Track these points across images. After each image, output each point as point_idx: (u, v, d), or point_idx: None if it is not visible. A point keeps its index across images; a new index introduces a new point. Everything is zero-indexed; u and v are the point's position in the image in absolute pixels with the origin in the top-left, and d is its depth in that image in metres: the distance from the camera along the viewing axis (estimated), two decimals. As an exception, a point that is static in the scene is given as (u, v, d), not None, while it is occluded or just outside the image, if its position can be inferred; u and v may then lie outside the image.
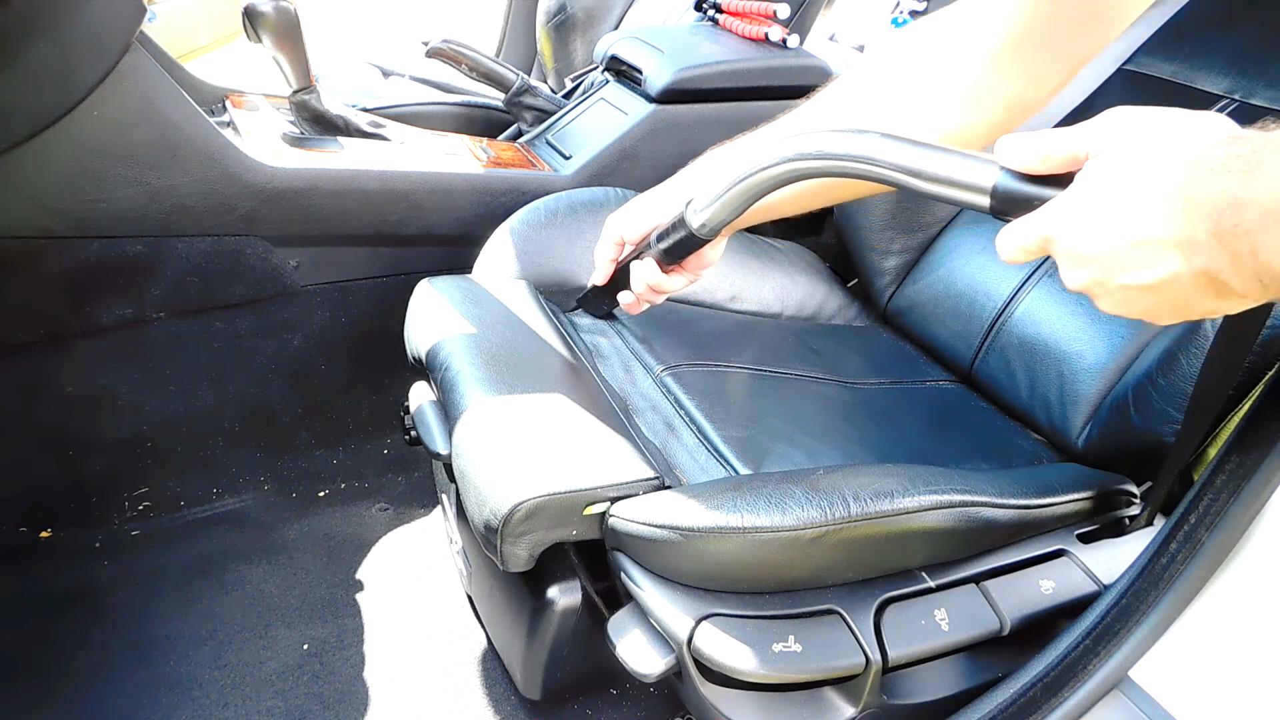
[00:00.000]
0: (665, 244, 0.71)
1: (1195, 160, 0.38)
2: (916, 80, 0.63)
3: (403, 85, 1.71)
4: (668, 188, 0.76)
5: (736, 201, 0.62)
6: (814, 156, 0.53)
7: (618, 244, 0.79)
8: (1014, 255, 0.46)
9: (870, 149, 0.50)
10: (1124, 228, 0.40)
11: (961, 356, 1.00)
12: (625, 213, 0.78)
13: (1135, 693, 0.60)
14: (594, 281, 0.83)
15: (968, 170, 0.47)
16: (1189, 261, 0.39)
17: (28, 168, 0.90)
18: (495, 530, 0.62)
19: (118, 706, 0.90)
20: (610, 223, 0.79)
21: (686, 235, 0.68)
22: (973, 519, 0.65)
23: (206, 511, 1.18)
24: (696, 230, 0.67)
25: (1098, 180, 0.41)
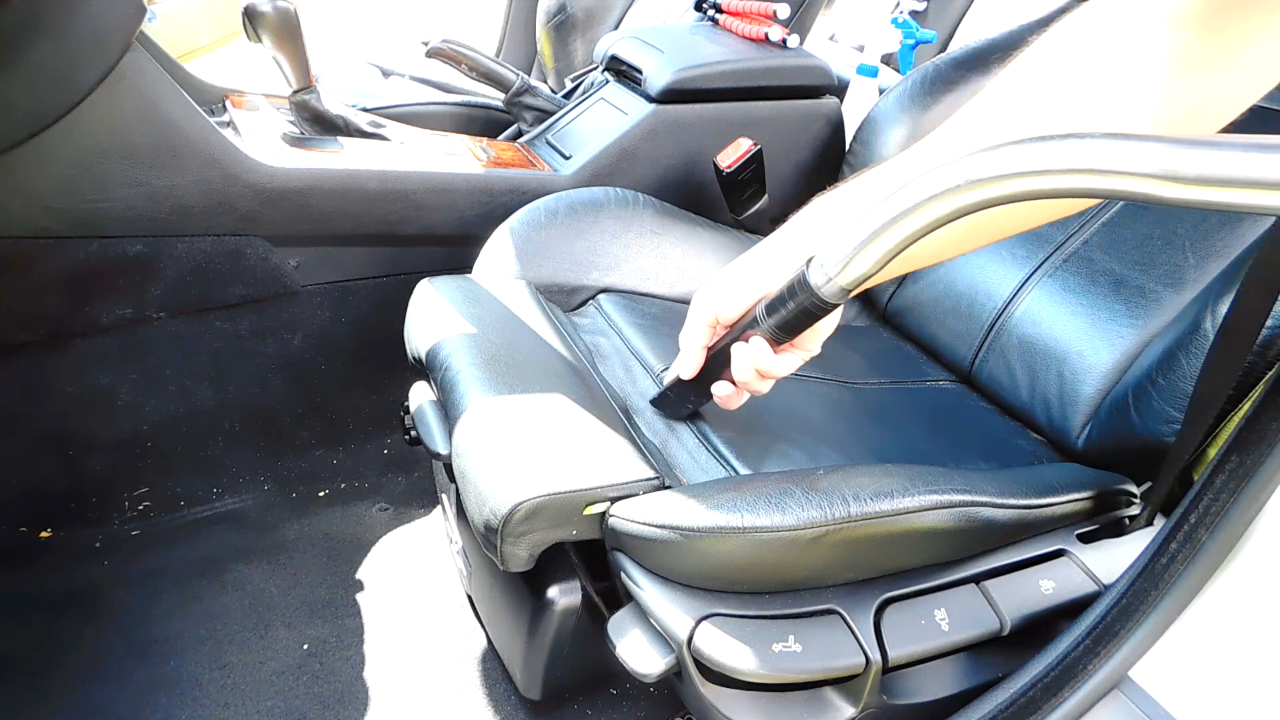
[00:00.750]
0: (780, 316, 0.58)
1: None
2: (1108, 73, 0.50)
3: (403, 85, 1.71)
4: (767, 250, 0.63)
5: (886, 249, 0.48)
6: (1013, 174, 0.40)
7: (711, 325, 0.66)
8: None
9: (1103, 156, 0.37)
10: None
11: (961, 356, 1.00)
12: (718, 287, 0.64)
13: (1135, 693, 0.60)
14: (681, 374, 0.70)
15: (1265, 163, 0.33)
16: None
17: (28, 168, 0.90)
18: (495, 530, 0.62)
19: (118, 706, 0.90)
20: (700, 301, 0.65)
21: (811, 303, 0.55)
22: (973, 519, 0.65)
23: (206, 511, 1.18)
24: (827, 296, 0.54)
25: None
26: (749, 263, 0.63)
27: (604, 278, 1.02)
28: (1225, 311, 0.65)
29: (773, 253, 0.62)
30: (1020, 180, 0.40)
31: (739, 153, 1.12)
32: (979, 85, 0.58)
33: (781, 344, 0.61)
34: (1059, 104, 0.52)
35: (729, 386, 0.67)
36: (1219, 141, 0.34)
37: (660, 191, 1.16)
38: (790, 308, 0.57)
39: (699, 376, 0.69)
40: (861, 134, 1.17)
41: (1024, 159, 0.40)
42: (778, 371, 0.63)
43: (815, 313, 0.56)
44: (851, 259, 0.51)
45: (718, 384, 0.67)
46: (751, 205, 1.18)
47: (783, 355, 0.63)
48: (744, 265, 0.64)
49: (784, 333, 0.59)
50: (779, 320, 0.58)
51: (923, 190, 0.44)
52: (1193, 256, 0.85)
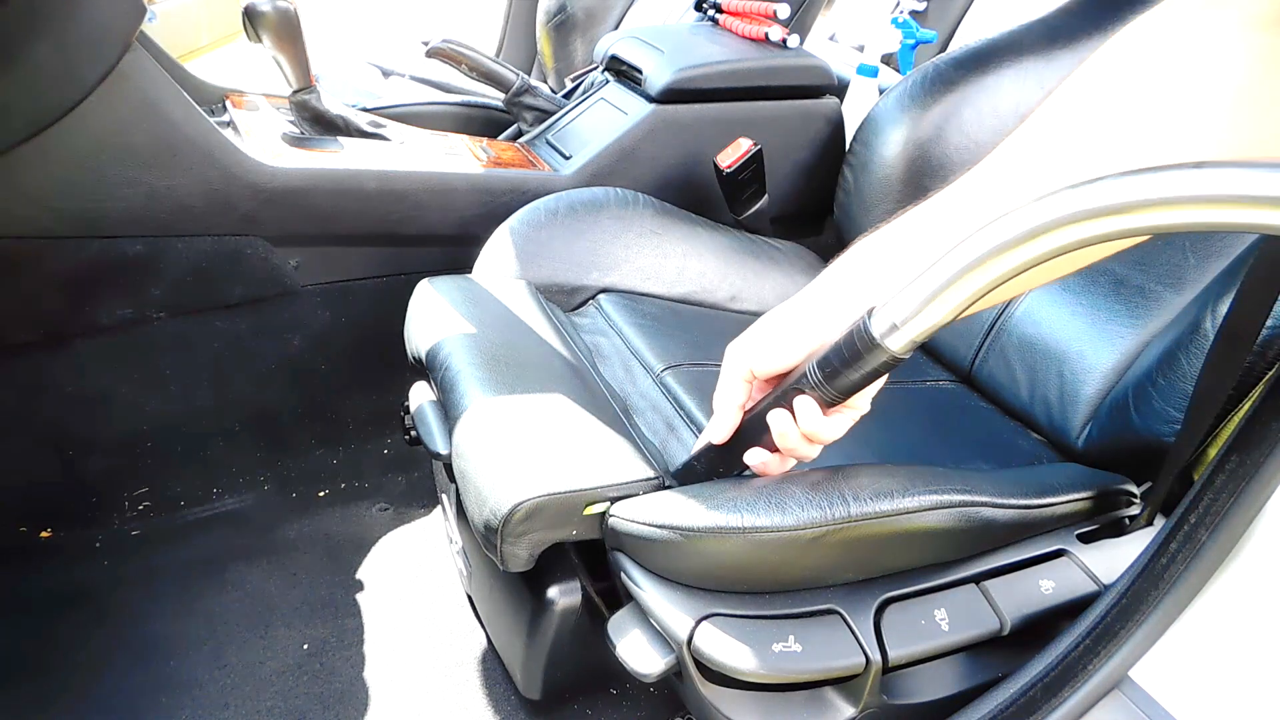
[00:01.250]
0: (837, 373, 0.51)
1: None
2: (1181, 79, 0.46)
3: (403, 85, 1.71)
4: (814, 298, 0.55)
5: (965, 294, 0.43)
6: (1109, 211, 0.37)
7: (748, 381, 0.58)
8: None
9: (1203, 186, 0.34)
10: None
11: (961, 356, 1.00)
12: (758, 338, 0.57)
13: (1135, 693, 0.60)
14: (713, 439, 0.61)
15: None
16: None
17: (28, 168, 0.90)
18: (495, 530, 0.62)
19: (118, 706, 0.90)
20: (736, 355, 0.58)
21: (877, 359, 0.49)
22: (973, 519, 0.65)
23: (206, 511, 1.18)
24: (894, 350, 0.48)
25: None
26: (793, 312, 0.56)
27: (604, 278, 1.02)
28: (1225, 311, 0.65)
29: (820, 301, 0.55)
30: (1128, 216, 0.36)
31: (739, 153, 1.12)
32: (979, 85, 0.58)
33: (834, 405, 0.54)
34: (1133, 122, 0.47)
35: (764, 454, 0.58)
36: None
37: (660, 191, 1.16)
38: (848, 363, 0.50)
39: (731, 443, 0.60)
40: (861, 134, 1.17)
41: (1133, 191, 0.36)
42: (829, 436, 0.55)
43: (879, 369, 0.50)
44: (925, 307, 0.45)
45: (753, 451, 0.59)
46: (751, 205, 1.18)
47: (833, 416, 0.55)
48: (788, 314, 0.56)
49: (841, 393, 0.53)
50: (833, 379, 0.52)
51: (1012, 229, 0.40)
52: (1193, 256, 0.85)
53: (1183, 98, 0.46)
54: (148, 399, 1.11)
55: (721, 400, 0.59)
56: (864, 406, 0.56)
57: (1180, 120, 0.46)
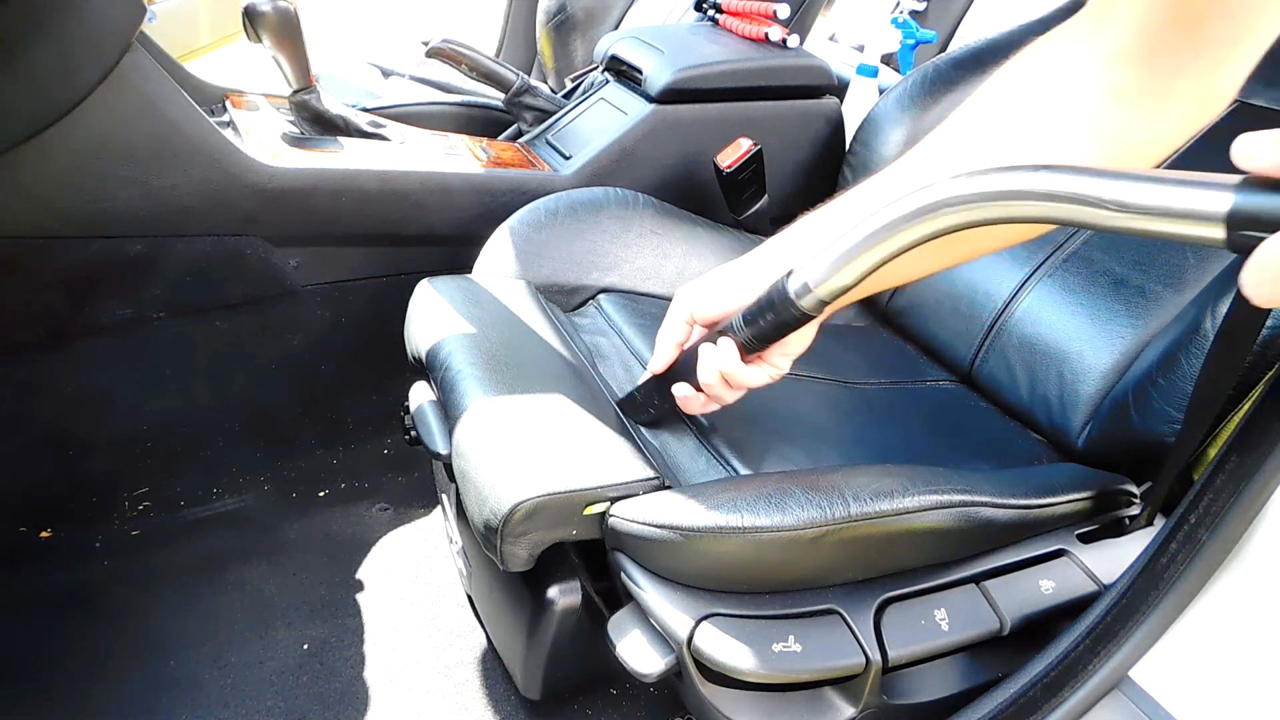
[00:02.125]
0: (755, 323, 0.59)
1: None
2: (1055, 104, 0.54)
3: (403, 85, 1.71)
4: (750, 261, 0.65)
5: (863, 265, 0.51)
6: (977, 200, 0.44)
7: (688, 323, 0.67)
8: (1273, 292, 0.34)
9: (1055, 184, 0.41)
10: None
11: (961, 356, 1.00)
12: (700, 288, 0.65)
13: (1135, 693, 0.60)
14: (652, 369, 0.70)
15: (1190, 197, 0.36)
16: None
17: (28, 168, 0.90)
18: (495, 530, 0.62)
19: (118, 706, 0.90)
20: (681, 299, 0.66)
21: (788, 312, 0.56)
22: (973, 519, 0.65)
23: (206, 511, 1.18)
24: (803, 305, 0.55)
25: None
26: (734, 268, 0.65)
27: (604, 278, 1.02)
28: (1225, 311, 0.65)
29: (758, 262, 0.64)
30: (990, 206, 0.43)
31: (739, 153, 1.12)
32: (979, 85, 0.59)
33: (752, 353, 0.62)
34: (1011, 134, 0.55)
35: (690, 389, 0.67)
36: (1163, 177, 0.38)
37: (660, 191, 1.16)
38: (766, 316, 0.58)
39: (669, 378, 0.68)
40: (861, 134, 1.17)
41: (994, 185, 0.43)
42: (742, 380, 0.63)
43: (790, 323, 0.58)
44: (831, 273, 0.53)
45: (680, 385, 0.67)
46: (751, 205, 1.18)
47: (750, 367, 0.63)
48: (729, 270, 0.65)
49: (757, 341, 0.60)
50: (753, 327, 0.59)
51: (897, 212, 0.47)
52: (1193, 257, 0.85)
53: (1053, 119, 0.54)
54: (148, 399, 1.11)
55: (662, 336, 0.68)
56: (782, 367, 0.64)
57: (1051, 136, 0.54)
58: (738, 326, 0.61)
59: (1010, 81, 0.57)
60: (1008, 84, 0.57)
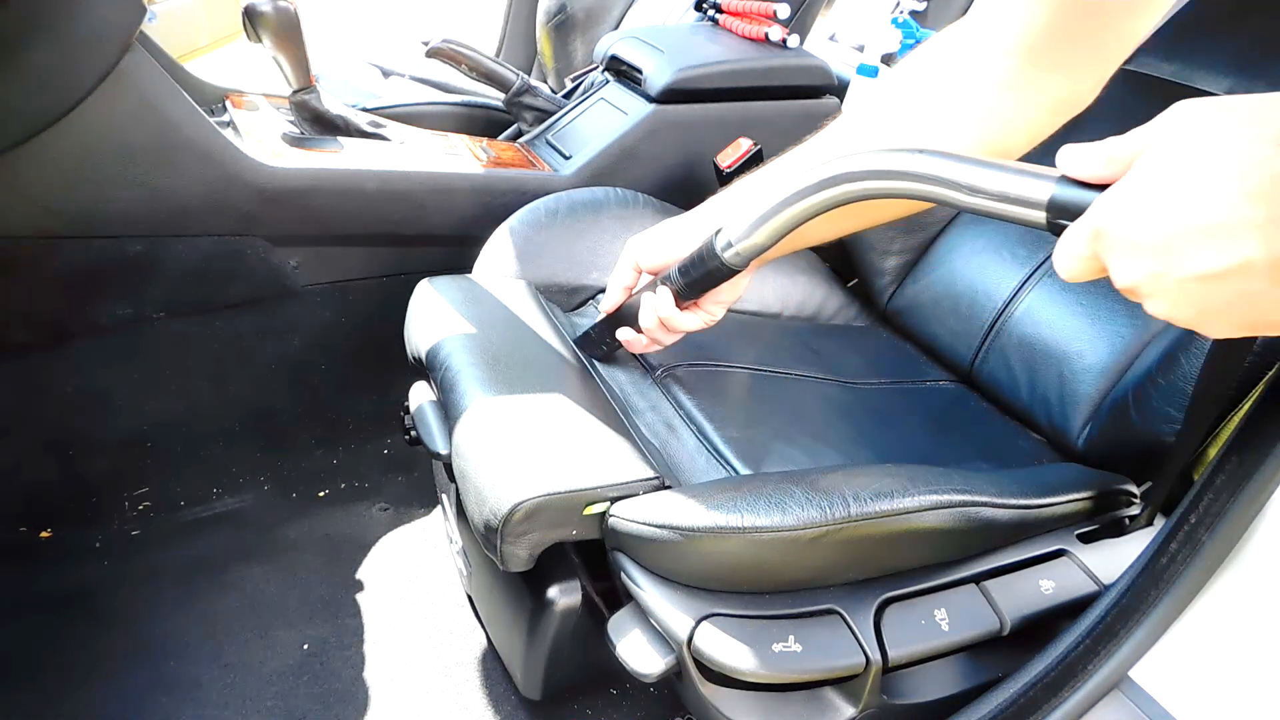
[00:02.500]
0: (688, 276, 0.66)
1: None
2: (950, 90, 0.61)
3: (403, 85, 1.71)
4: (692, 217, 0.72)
5: (775, 228, 0.59)
6: (863, 177, 0.51)
7: (635, 270, 0.74)
8: (1072, 267, 0.42)
9: (923, 166, 0.48)
10: (1193, 209, 0.36)
11: (961, 356, 1.00)
12: (646, 238, 0.72)
13: (1135, 693, 0.60)
14: (603, 309, 0.78)
15: (1023, 185, 0.44)
16: (1269, 246, 0.34)
17: (28, 168, 0.90)
18: (495, 530, 0.62)
19: (118, 706, 0.90)
20: (629, 247, 0.74)
21: (715, 266, 0.64)
22: (973, 519, 0.65)
23: (206, 511, 1.18)
24: (727, 260, 0.63)
25: (1159, 165, 0.37)
26: (677, 223, 0.72)
27: (604, 277, 1.02)
28: (1225, 311, 0.65)
29: (697, 219, 0.71)
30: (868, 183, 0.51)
31: (739, 153, 1.12)
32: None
33: (686, 300, 0.69)
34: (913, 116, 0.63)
35: (633, 332, 0.75)
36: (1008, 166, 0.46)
37: (660, 191, 1.16)
38: (697, 268, 0.66)
39: (619, 319, 0.77)
40: (861, 134, 1.17)
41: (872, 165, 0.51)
42: (679, 325, 0.70)
43: (718, 276, 0.65)
44: (750, 234, 0.61)
45: (623, 330, 0.75)
46: (751, 205, 1.18)
47: (686, 313, 0.70)
48: (671, 225, 0.72)
49: (691, 290, 0.68)
50: (686, 278, 0.67)
51: (802, 184, 0.55)
52: (1193, 256, 0.85)
53: (950, 105, 0.61)
54: (148, 399, 1.11)
55: (612, 281, 0.76)
56: (715, 314, 0.72)
57: (947, 122, 0.60)
58: (674, 277, 0.68)
59: (916, 68, 0.64)
60: (914, 70, 0.64)
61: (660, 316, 0.70)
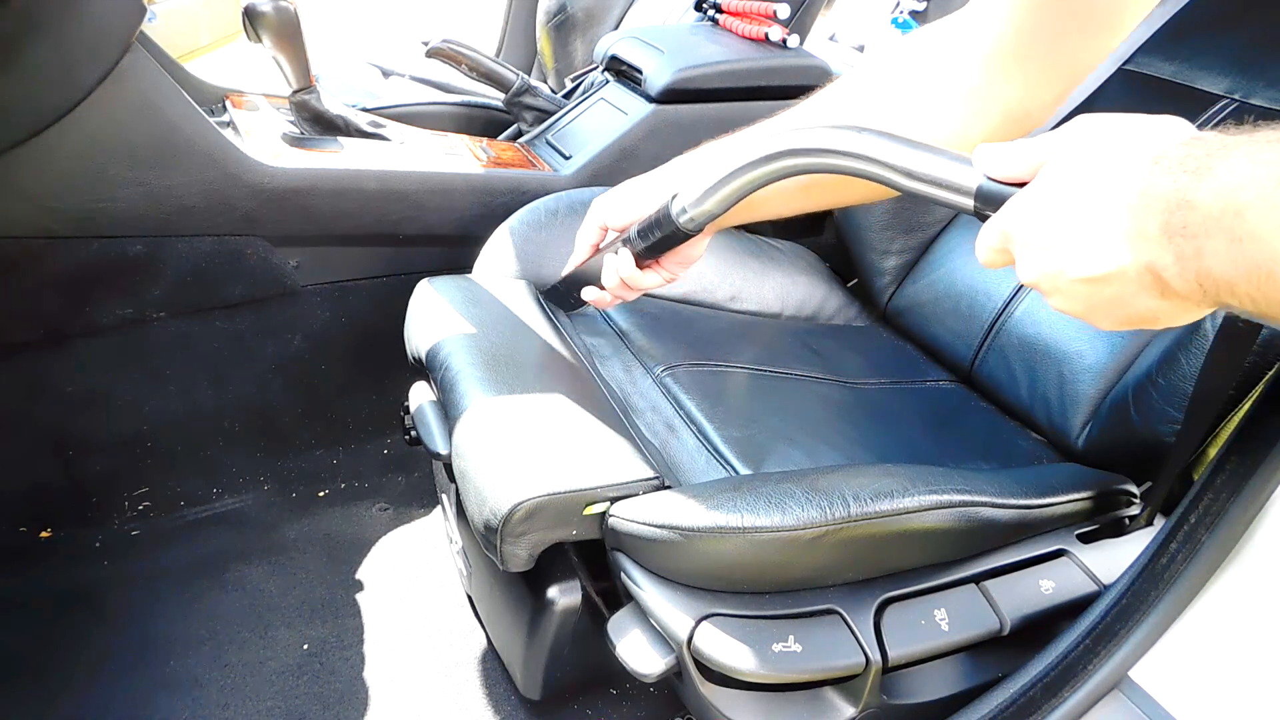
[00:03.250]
0: (646, 238, 0.68)
1: (1157, 157, 0.38)
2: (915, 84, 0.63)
3: (403, 85, 1.71)
4: (657, 177, 0.74)
5: (725, 196, 0.60)
6: (807, 152, 0.53)
7: (601, 228, 0.76)
8: (986, 256, 0.46)
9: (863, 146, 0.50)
10: (1080, 219, 0.40)
11: (961, 356, 1.00)
12: (612, 198, 0.74)
13: (1135, 693, 0.60)
14: (570, 265, 0.80)
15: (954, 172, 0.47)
16: (1136, 255, 0.38)
17: (28, 168, 0.90)
18: (495, 530, 0.62)
19: (118, 706, 0.90)
20: (596, 206, 0.75)
21: (670, 230, 0.66)
22: (973, 519, 0.65)
23: (206, 511, 1.18)
24: (681, 224, 0.65)
25: (1057, 174, 0.42)
26: (640, 183, 0.73)
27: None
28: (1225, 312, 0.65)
29: (659, 182, 0.72)
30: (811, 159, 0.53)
31: (739, 153, 1.12)
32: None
33: (646, 261, 0.71)
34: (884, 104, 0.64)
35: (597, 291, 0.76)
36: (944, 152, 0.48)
37: (660, 191, 1.16)
38: (655, 232, 0.67)
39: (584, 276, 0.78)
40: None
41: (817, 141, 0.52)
42: (639, 283, 0.72)
43: (672, 239, 0.67)
44: (703, 201, 0.62)
45: (588, 289, 0.77)
46: (751, 205, 1.18)
47: (646, 272, 0.72)
48: (636, 185, 0.74)
49: (649, 252, 0.69)
50: (645, 240, 0.68)
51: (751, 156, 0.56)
52: (1193, 256, 0.85)
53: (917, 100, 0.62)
54: (148, 399, 1.11)
55: (580, 237, 0.77)
56: (674, 274, 0.73)
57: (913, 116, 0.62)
58: (633, 238, 0.70)
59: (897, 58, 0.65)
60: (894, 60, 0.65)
61: (621, 276, 0.72)
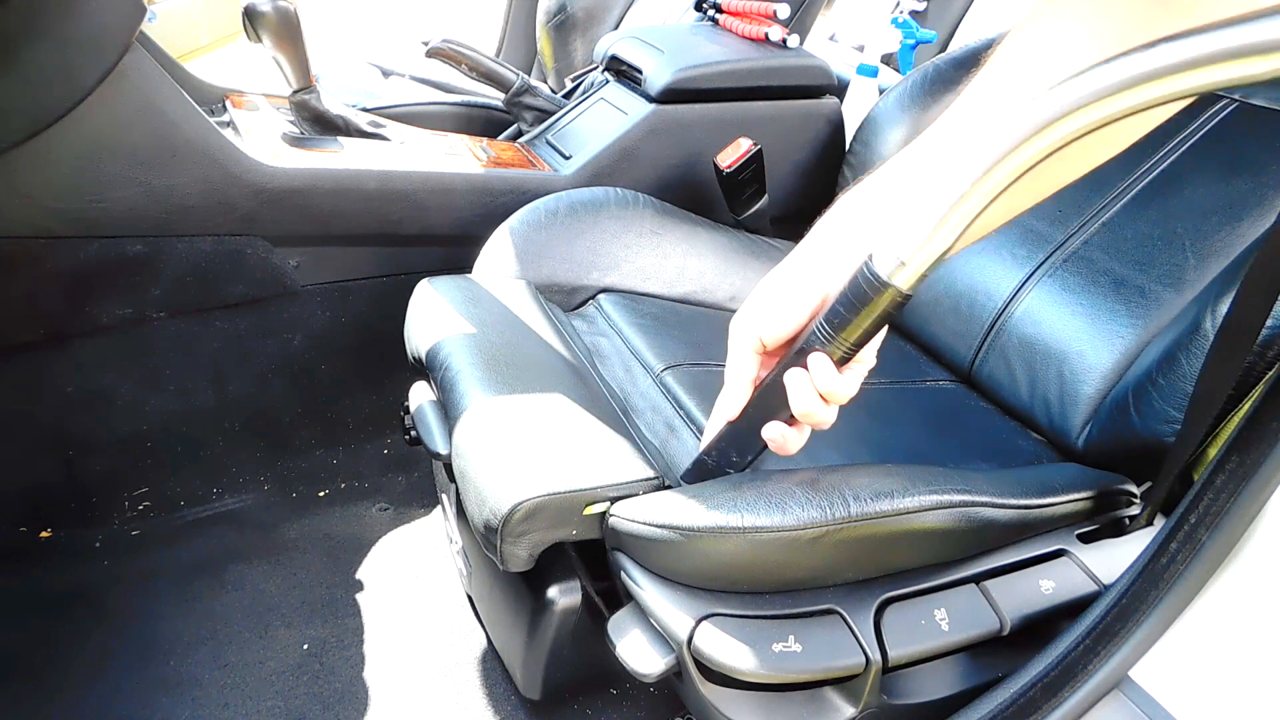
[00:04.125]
0: (848, 324, 0.50)
1: None
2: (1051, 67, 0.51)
3: (403, 85, 1.71)
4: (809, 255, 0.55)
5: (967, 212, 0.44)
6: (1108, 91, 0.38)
7: (758, 353, 0.56)
8: None
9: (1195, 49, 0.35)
10: None
11: (961, 356, 1.00)
12: (761, 304, 0.55)
13: (1135, 693, 0.60)
14: (726, 418, 0.59)
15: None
16: None
17: (28, 168, 0.90)
18: (495, 530, 0.62)
19: (118, 706, 0.90)
20: (741, 327, 0.56)
21: (890, 300, 0.48)
22: (973, 519, 0.65)
23: (206, 511, 1.18)
24: (901, 286, 0.47)
25: None
26: (793, 272, 0.55)
27: (604, 278, 1.02)
28: (1225, 311, 0.65)
29: (818, 257, 0.55)
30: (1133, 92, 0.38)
31: (739, 153, 1.12)
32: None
33: (850, 357, 0.53)
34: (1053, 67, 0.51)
35: (782, 427, 0.56)
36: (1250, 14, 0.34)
37: (660, 191, 1.16)
38: (858, 310, 0.49)
39: (744, 424, 0.58)
40: (861, 134, 1.17)
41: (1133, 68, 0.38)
42: (844, 394, 0.54)
43: (889, 312, 0.49)
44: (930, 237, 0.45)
45: (770, 425, 0.57)
46: (751, 205, 1.18)
47: (845, 374, 0.54)
48: (788, 276, 0.55)
49: (853, 346, 0.52)
50: (845, 328, 0.50)
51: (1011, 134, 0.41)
52: (1193, 256, 0.85)
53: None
54: (148, 399, 1.11)
55: (733, 375, 0.57)
56: (870, 360, 0.56)
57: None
58: (824, 335, 0.52)
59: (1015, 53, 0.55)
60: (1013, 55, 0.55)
61: (823, 390, 0.53)
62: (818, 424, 0.56)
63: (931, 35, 1.98)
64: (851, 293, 0.49)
